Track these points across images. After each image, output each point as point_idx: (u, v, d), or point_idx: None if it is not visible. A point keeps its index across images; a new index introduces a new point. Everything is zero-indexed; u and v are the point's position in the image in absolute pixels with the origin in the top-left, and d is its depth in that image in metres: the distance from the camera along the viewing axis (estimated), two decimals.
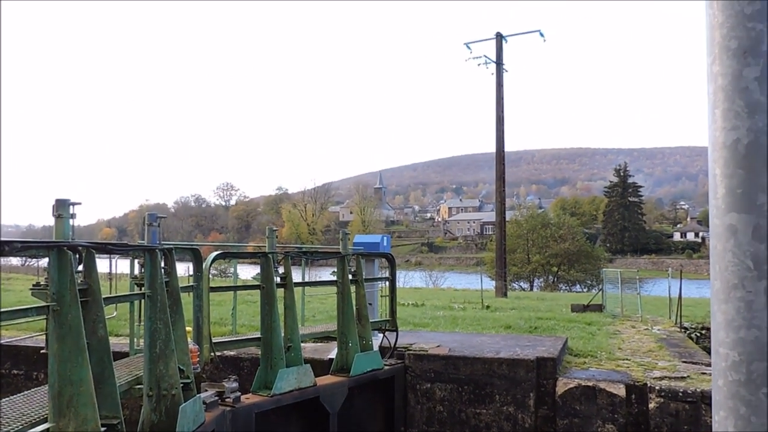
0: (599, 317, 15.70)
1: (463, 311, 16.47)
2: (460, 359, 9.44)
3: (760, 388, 1.30)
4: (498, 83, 27.37)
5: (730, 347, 1.34)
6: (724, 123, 1.36)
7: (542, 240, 43.07)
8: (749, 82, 1.33)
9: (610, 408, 8.72)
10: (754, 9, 1.33)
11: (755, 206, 1.32)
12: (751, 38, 1.33)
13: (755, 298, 1.31)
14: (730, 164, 1.35)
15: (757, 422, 1.30)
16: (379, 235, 12.36)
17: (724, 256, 1.36)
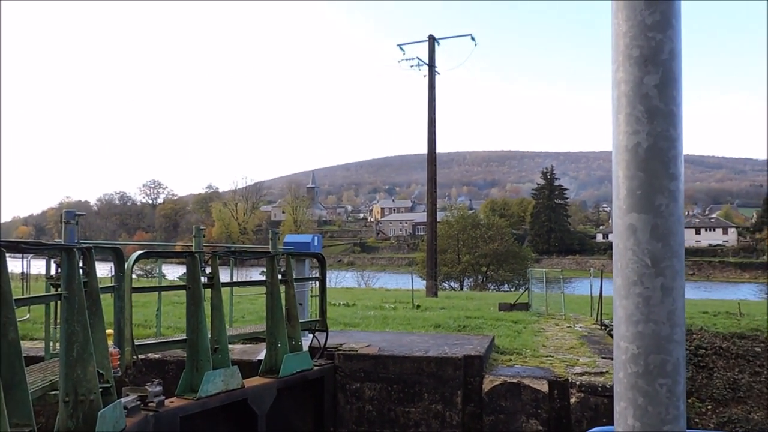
0: (525, 316, 16.13)
1: (393, 311, 16.57)
2: (389, 358, 9.51)
3: (656, 379, 1.38)
4: (430, 85, 27.68)
5: (630, 341, 1.41)
6: (626, 127, 1.43)
7: (472, 240, 43.87)
8: (649, 88, 1.41)
9: (533, 403, 8.98)
10: (654, 20, 1.40)
11: (653, 207, 1.39)
12: (652, 47, 1.41)
13: (653, 293, 1.38)
14: (631, 167, 1.42)
15: (653, 411, 1.37)
16: (310, 235, 12.28)
17: (625, 254, 1.43)
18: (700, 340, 14.78)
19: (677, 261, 1.40)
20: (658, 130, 1.40)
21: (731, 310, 17.89)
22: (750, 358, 14.34)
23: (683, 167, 1.43)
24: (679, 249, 1.41)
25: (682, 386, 1.40)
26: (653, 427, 1.37)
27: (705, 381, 13.97)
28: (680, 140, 1.42)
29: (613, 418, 1.47)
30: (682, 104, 1.44)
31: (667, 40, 1.41)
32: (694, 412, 13.33)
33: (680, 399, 1.39)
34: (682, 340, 1.40)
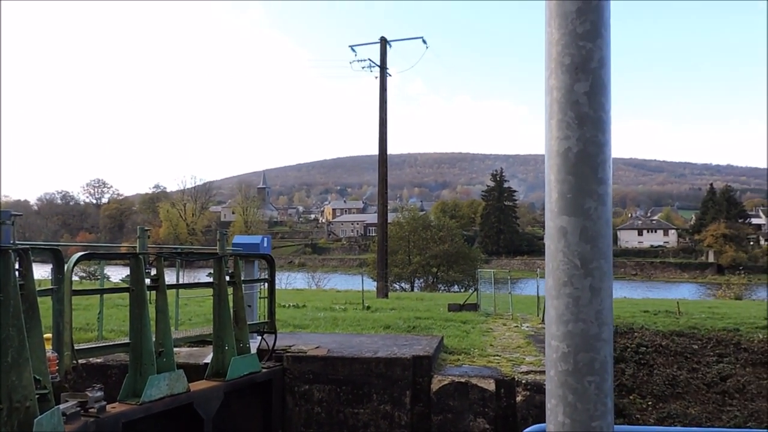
0: (474, 316, 16.34)
1: (344, 312, 16.56)
2: (338, 360, 9.50)
3: (585, 377, 1.42)
4: (381, 87, 27.76)
5: (560, 340, 1.45)
6: (557, 132, 1.48)
7: (423, 241, 44.15)
8: (579, 96, 1.45)
9: (481, 402, 9.11)
10: (585, 29, 1.45)
11: (583, 210, 1.44)
12: (582, 56, 1.45)
13: (582, 294, 1.43)
14: (562, 171, 1.47)
15: (582, 408, 1.42)
16: (259, 236, 12.17)
17: (556, 256, 1.47)
18: (641, 338, 15.25)
19: (605, 262, 1.45)
20: (587, 135, 1.45)
21: (671, 308, 18.52)
22: (688, 355, 14.88)
23: (611, 172, 1.49)
24: (607, 251, 1.46)
25: (610, 383, 1.45)
26: (582, 424, 1.42)
27: (646, 378, 14.42)
28: (609, 145, 1.48)
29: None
30: (611, 111, 1.49)
31: (597, 49, 1.46)
32: (635, 408, 13.74)
33: (608, 396, 1.44)
34: (609, 338, 1.45)
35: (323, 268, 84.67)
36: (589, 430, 1.41)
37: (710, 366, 14.55)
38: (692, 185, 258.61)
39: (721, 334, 15.37)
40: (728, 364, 14.54)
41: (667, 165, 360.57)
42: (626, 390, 14.18)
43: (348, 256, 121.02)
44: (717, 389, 14.13)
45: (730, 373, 14.28)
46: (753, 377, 14.27)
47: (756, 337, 15.03)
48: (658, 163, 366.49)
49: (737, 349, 14.89)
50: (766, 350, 14.64)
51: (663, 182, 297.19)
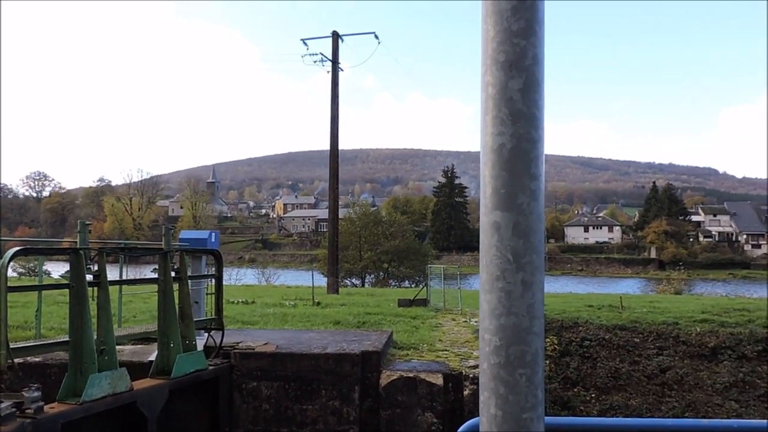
0: (423, 311, 16.46)
1: (294, 308, 16.45)
2: (287, 356, 9.44)
3: (516, 369, 1.45)
4: (333, 82, 27.64)
5: (493, 333, 1.48)
6: (492, 128, 1.49)
7: (374, 237, 44.26)
8: (513, 92, 1.48)
9: (429, 397, 9.19)
10: (519, 26, 1.48)
11: (516, 205, 1.46)
12: (516, 53, 1.48)
13: (514, 288, 1.46)
14: (496, 166, 1.49)
15: (513, 400, 1.45)
16: (207, 231, 11.97)
17: (489, 251, 1.49)
18: (585, 332, 15.64)
19: (537, 257, 1.48)
20: (521, 132, 1.47)
21: (614, 303, 19.02)
22: (630, 348, 15.33)
23: (544, 168, 1.51)
24: (538, 245, 1.49)
25: (540, 375, 1.48)
26: (514, 415, 1.45)
27: (590, 371, 14.80)
28: (541, 142, 1.51)
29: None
30: (544, 108, 1.52)
31: (531, 47, 1.49)
32: (579, 401, 14.10)
33: (539, 387, 1.47)
34: (540, 331, 1.48)
35: (274, 264, 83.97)
36: (520, 421, 1.44)
37: (650, 359, 15.03)
38: (636, 183, 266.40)
39: (661, 327, 15.88)
40: (667, 356, 15.05)
41: (613, 163, 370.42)
42: (571, 383, 14.53)
43: (299, 251, 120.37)
44: (657, 381, 14.61)
45: (669, 366, 14.79)
46: (690, 369, 14.81)
47: (694, 331, 15.60)
48: (604, 162, 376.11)
49: (676, 342, 15.42)
50: (703, 343, 15.21)
51: (609, 180, 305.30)
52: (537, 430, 1.45)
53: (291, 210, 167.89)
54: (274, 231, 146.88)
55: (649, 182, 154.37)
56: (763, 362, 14.90)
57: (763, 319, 16.54)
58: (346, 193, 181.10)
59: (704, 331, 15.51)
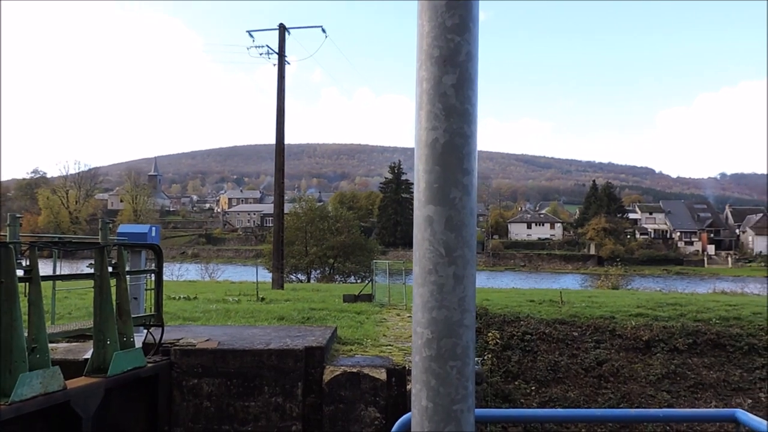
0: (368, 307, 16.49)
1: (237, 304, 16.23)
2: (229, 352, 9.30)
3: (447, 362, 1.47)
4: (279, 75, 27.35)
5: (425, 326, 1.49)
6: (426, 123, 1.51)
7: (320, 232, 44.01)
8: (447, 88, 1.49)
9: (372, 392, 9.22)
10: (453, 23, 1.49)
11: (449, 200, 1.48)
12: (450, 49, 1.49)
13: (446, 281, 1.47)
14: (430, 161, 1.50)
15: (444, 392, 1.47)
16: (147, 225, 11.67)
17: (422, 245, 1.51)
18: (527, 326, 15.96)
19: (468, 251, 1.50)
20: (454, 127, 1.49)
21: (555, 298, 19.47)
22: (569, 341, 15.73)
23: (476, 163, 1.53)
24: (470, 239, 1.50)
25: (471, 367, 1.50)
26: (444, 407, 1.46)
27: (530, 364, 15.12)
28: (474, 137, 1.52)
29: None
30: (477, 104, 1.53)
31: (465, 43, 1.50)
32: (519, 393, 14.39)
33: (469, 379, 1.49)
34: (471, 324, 1.50)
35: (218, 259, 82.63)
36: (450, 413, 1.46)
37: (588, 352, 15.46)
38: (577, 181, 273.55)
39: (599, 321, 16.34)
40: (604, 349, 15.51)
41: (555, 162, 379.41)
42: (512, 376, 14.82)
43: (244, 246, 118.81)
44: (594, 373, 15.04)
45: (605, 358, 15.24)
46: (626, 362, 15.31)
47: (629, 324, 16.11)
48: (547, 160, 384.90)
49: (612, 336, 15.90)
50: (637, 336, 15.73)
51: (551, 178, 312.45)
52: (467, 421, 1.47)
53: (236, 204, 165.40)
54: (218, 226, 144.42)
55: (590, 180, 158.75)
56: (694, 354, 15.54)
57: (693, 313, 17.24)
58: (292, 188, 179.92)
59: (639, 325, 16.05)
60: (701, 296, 24.47)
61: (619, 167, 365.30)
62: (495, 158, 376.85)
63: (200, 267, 46.65)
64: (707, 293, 28.53)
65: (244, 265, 74.18)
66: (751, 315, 17.16)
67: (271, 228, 37.08)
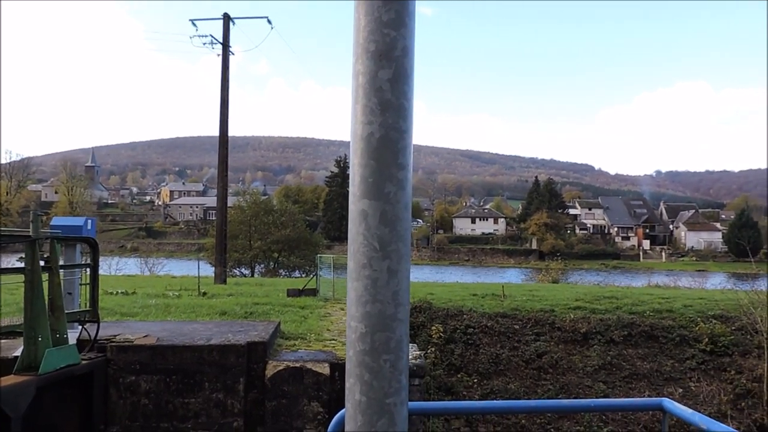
0: (313, 301, 16.41)
1: (178, 299, 15.89)
2: (168, 348, 9.10)
3: (381, 356, 1.48)
4: (224, 65, 26.82)
5: (359, 320, 1.49)
6: (362, 117, 1.50)
7: (264, 226, 43.45)
8: (383, 82, 1.49)
9: (315, 386, 9.19)
10: (389, 17, 1.49)
11: (383, 194, 1.48)
12: (386, 43, 1.49)
13: (380, 276, 1.48)
14: (365, 155, 1.50)
15: (378, 386, 1.47)
16: (82, 218, 11.26)
17: (357, 239, 1.51)
18: (469, 319, 16.20)
19: (403, 245, 1.51)
20: (389, 121, 1.49)
21: (497, 292, 19.81)
22: (510, 334, 16.05)
23: (411, 158, 1.54)
24: (405, 234, 1.51)
25: (405, 361, 1.51)
26: (378, 400, 1.47)
27: (473, 357, 15.36)
28: (409, 132, 1.53)
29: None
30: (413, 99, 1.54)
31: (401, 38, 1.50)
32: (462, 386, 14.61)
33: (402, 373, 1.50)
34: (405, 318, 1.51)
35: (158, 253, 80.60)
36: (384, 406, 1.47)
37: (529, 344, 15.81)
38: (520, 177, 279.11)
39: (539, 314, 16.73)
40: (544, 342, 15.90)
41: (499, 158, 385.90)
42: (455, 369, 15.03)
43: (186, 240, 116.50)
44: (534, 365, 15.41)
45: (545, 351, 15.63)
46: (564, 353, 15.74)
47: (568, 317, 16.56)
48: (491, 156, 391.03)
49: (552, 328, 16.31)
50: (576, 329, 16.19)
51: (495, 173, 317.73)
52: (400, 414, 1.48)
53: (178, 197, 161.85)
54: (159, 219, 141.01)
55: (533, 176, 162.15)
56: (629, 346, 16.10)
57: (629, 306, 17.85)
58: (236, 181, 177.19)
59: (577, 318, 16.51)
60: (636, 290, 25.35)
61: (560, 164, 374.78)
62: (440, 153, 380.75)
63: (140, 261, 45.37)
64: (642, 287, 29.59)
65: (186, 260, 72.78)
66: (683, 307, 17.90)
67: (214, 221, 36.41)
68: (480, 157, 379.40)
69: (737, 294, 19.21)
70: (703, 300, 19.35)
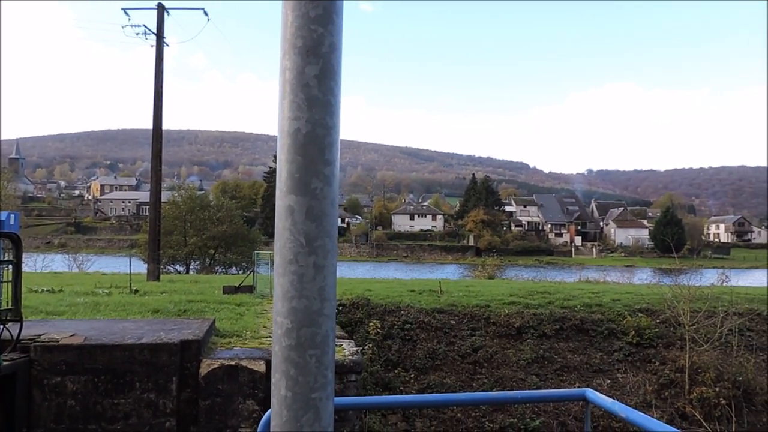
0: (249, 298, 16.21)
1: (108, 297, 15.40)
2: (97, 348, 8.81)
3: (307, 351, 1.48)
4: (158, 57, 26.13)
5: (285, 316, 1.49)
6: (289, 113, 1.50)
7: (200, 222, 42.54)
8: (310, 78, 1.49)
9: (251, 384, 9.08)
10: (317, 13, 1.49)
11: (310, 190, 1.49)
12: (314, 39, 1.50)
13: (306, 271, 1.48)
14: (292, 151, 1.50)
15: (303, 381, 1.48)
16: (5, 212, 10.73)
17: (283, 234, 1.51)
18: (407, 315, 16.35)
19: (329, 241, 1.52)
20: (316, 117, 1.50)
21: (434, 288, 20.06)
22: (447, 330, 16.28)
23: (339, 154, 1.55)
24: (331, 229, 1.52)
25: (331, 356, 1.52)
26: (303, 395, 1.48)
27: (410, 352, 15.51)
28: (336, 128, 1.54)
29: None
30: (340, 95, 1.55)
31: (329, 34, 1.51)
32: (399, 381, 14.73)
33: (328, 368, 1.51)
34: (331, 314, 1.52)
35: (88, 250, 77.95)
36: (309, 401, 1.47)
37: (465, 339, 16.09)
38: (458, 175, 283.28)
39: (475, 310, 17.04)
40: (479, 336, 16.21)
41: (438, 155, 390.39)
42: (392, 364, 15.14)
43: (118, 236, 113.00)
44: (470, 360, 15.69)
45: (480, 345, 15.93)
46: (499, 348, 16.09)
47: (503, 312, 16.93)
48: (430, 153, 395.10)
49: (487, 323, 16.64)
50: (510, 323, 16.57)
51: (434, 171, 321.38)
52: (325, 409, 1.49)
53: (109, 192, 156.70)
54: (89, 214, 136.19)
55: (470, 174, 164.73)
56: (560, 339, 16.60)
57: (561, 300, 18.41)
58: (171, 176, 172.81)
59: (512, 313, 16.91)
60: (568, 285, 26.15)
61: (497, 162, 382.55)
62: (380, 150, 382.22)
63: (68, 258, 43.69)
64: (574, 282, 30.53)
65: (117, 256, 70.61)
66: (611, 302, 18.59)
67: (147, 217, 35.40)
68: (419, 155, 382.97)
69: (662, 288, 20.10)
70: (630, 294, 20.14)
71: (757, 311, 18.39)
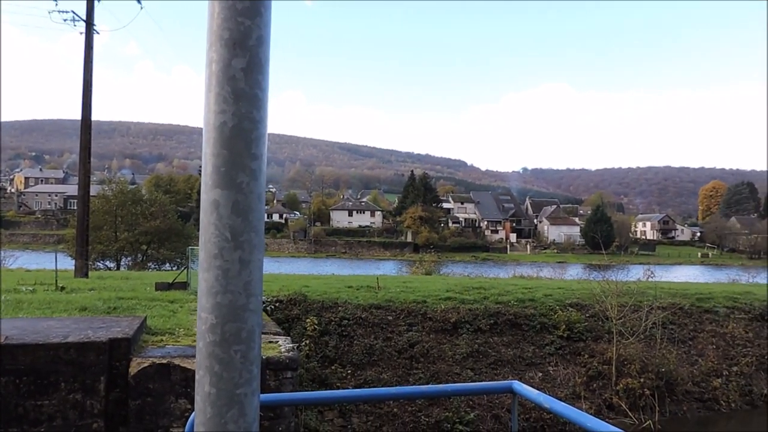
0: (183, 295, 15.85)
1: (32, 294, 14.75)
2: (18, 348, 8.42)
3: (231, 346, 1.47)
4: (87, 45, 25.10)
5: (209, 311, 1.48)
6: (215, 106, 1.48)
7: (132, 217, 41.17)
8: (236, 71, 1.48)
9: (183, 383, 8.88)
10: (244, 6, 1.48)
11: (236, 184, 1.47)
12: (241, 32, 1.48)
13: (231, 266, 1.47)
14: (217, 144, 1.48)
15: (228, 377, 1.46)
16: None
17: (208, 229, 1.49)
18: (344, 311, 16.34)
19: (256, 236, 1.50)
20: (242, 111, 1.48)
21: (372, 284, 20.14)
22: (384, 325, 16.37)
23: (266, 148, 1.54)
24: (258, 224, 1.51)
25: (257, 351, 1.51)
26: (227, 391, 1.46)
27: (347, 348, 15.52)
28: (264, 122, 1.53)
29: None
30: (267, 89, 1.54)
31: (256, 27, 1.49)
32: (336, 377, 14.72)
33: (254, 363, 1.50)
34: (257, 309, 1.51)
35: (11, 245, 74.56)
36: (234, 397, 1.46)
37: (402, 335, 16.22)
38: (397, 171, 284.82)
39: (412, 305, 17.19)
40: (416, 332, 16.37)
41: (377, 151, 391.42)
42: (329, 360, 15.11)
43: (43, 231, 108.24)
44: (406, 355, 15.83)
45: (417, 340, 16.10)
46: (435, 343, 16.29)
47: (439, 308, 17.15)
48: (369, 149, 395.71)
49: (424, 319, 16.83)
50: (446, 319, 16.81)
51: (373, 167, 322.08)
52: (251, 404, 1.48)
53: (34, 185, 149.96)
54: (11, 208, 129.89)
55: (409, 171, 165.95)
56: (495, 334, 16.96)
57: (495, 296, 18.80)
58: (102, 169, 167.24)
59: (448, 308, 17.15)
60: (503, 280, 26.75)
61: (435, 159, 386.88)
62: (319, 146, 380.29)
63: None
64: (508, 278, 31.28)
65: (42, 252, 67.82)
66: (543, 297, 19.13)
67: (75, 211, 34.07)
68: (358, 151, 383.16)
69: (591, 284, 20.82)
70: (561, 290, 20.77)
71: (680, 305, 19.31)
